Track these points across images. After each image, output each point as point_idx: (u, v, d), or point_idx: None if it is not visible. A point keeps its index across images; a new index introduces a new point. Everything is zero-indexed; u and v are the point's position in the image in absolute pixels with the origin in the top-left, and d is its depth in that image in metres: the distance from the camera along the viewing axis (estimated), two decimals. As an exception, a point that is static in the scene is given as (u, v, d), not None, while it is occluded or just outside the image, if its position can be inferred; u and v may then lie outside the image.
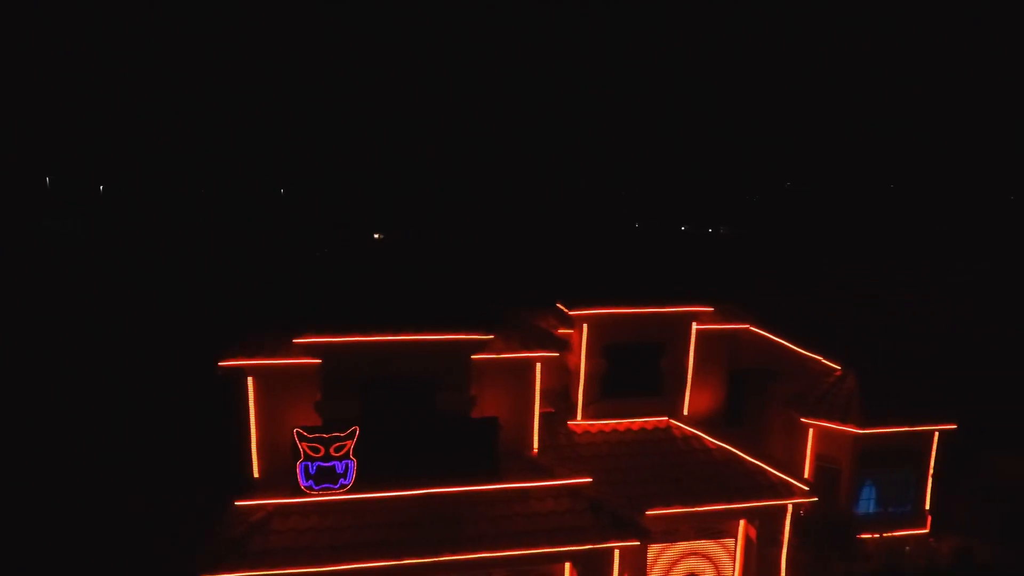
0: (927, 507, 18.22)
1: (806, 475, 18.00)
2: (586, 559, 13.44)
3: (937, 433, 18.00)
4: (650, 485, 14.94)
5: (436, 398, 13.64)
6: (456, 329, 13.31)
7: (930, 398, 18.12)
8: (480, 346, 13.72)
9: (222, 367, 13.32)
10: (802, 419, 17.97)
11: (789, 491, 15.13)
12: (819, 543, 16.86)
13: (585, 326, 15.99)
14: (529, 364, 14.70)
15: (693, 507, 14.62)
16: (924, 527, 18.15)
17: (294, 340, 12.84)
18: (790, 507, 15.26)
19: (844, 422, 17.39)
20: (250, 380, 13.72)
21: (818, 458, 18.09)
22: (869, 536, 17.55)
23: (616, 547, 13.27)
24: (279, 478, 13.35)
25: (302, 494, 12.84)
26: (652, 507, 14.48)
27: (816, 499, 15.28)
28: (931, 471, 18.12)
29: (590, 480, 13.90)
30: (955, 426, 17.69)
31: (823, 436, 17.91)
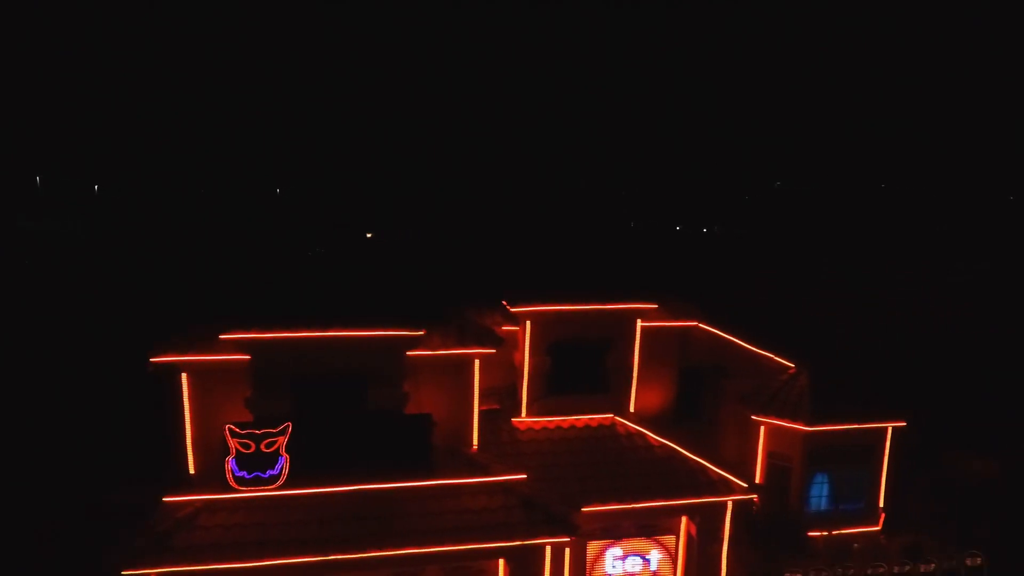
0: (880, 504, 18.15)
1: (758, 472, 17.99)
2: (519, 555, 13.43)
3: (890, 430, 17.94)
4: (589, 482, 14.92)
5: (368, 394, 13.62)
6: (385, 325, 13.31)
7: (882, 396, 18.06)
8: (413, 342, 13.71)
9: (154, 363, 13.36)
10: (753, 416, 17.93)
11: (729, 488, 15.10)
12: (768, 540, 16.82)
13: (528, 323, 15.98)
14: (467, 360, 14.70)
15: (630, 504, 14.61)
16: (877, 524, 18.07)
17: (220, 336, 12.85)
18: (730, 504, 15.24)
19: (793, 420, 17.32)
20: (184, 376, 13.76)
21: (770, 455, 18.03)
22: (819, 534, 17.50)
23: (547, 543, 13.25)
24: (216, 474, 13.33)
25: (232, 490, 12.86)
26: (589, 504, 14.46)
27: (755, 496, 15.27)
28: (884, 468, 18.06)
29: (524, 476, 13.89)
30: (904, 423, 17.61)
31: (774, 433, 17.85)
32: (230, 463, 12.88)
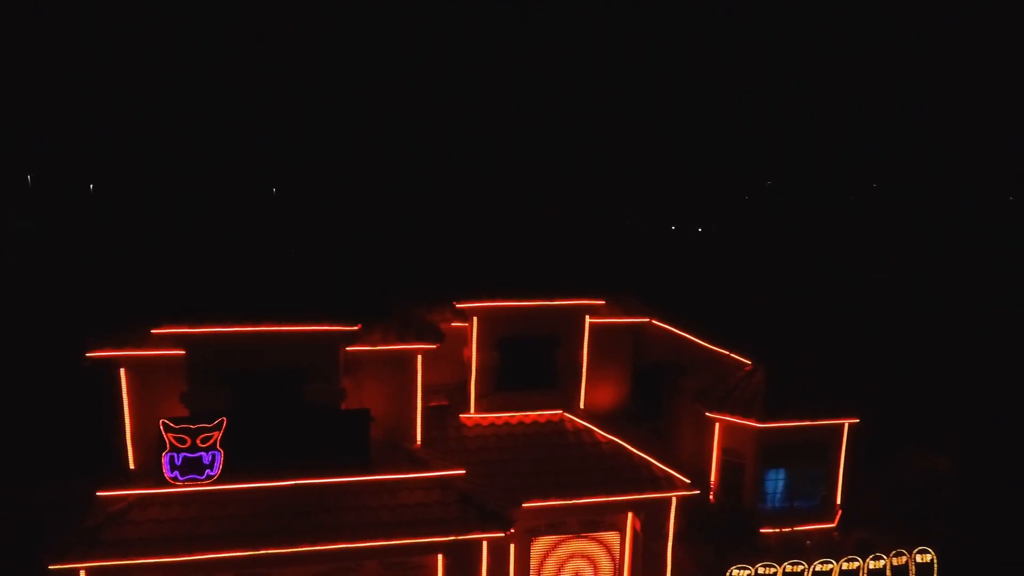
0: (837, 501, 18.08)
1: (713, 470, 17.95)
2: (456, 551, 13.39)
3: (846, 427, 17.86)
4: (531, 478, 14.89)
5: (305, 389, 13.59)
6: (318, 319, 13.28)
7: (838, 393, 17.98)
8: (349, 337, 13.69)
9: (90, 358, 13.37)
10: (708, 413, 17.89)
11: (672, 484, 15.05)
12: (719, 537, 16.77)
13: (475, 319, 15.95)
14: (410, 356, 14.69)
15: (571, 499, 14.57)
16: (832, 521, 18.01)
17: (152, 330, 12.85)
18: (674, 500, 15.19)
19: (746, 416, 17.27)
20: (122, 371, 13.77)
21: (724, 452, 18.00)
22: (772, 530, 17.45)
23: (481, 538, 13.21)
24: (156, 469, 13.32)
25: (167, 485, 12.86)
26: (530, 499, 14.43)
27: (698, 492, 15.22)
28: (841, 465, 17.98)
29: (463, 472, 13.86)
30: (858, 420, 17.54)
31: (729, 430, 17.79)
32: (165, 458, 12.89)
